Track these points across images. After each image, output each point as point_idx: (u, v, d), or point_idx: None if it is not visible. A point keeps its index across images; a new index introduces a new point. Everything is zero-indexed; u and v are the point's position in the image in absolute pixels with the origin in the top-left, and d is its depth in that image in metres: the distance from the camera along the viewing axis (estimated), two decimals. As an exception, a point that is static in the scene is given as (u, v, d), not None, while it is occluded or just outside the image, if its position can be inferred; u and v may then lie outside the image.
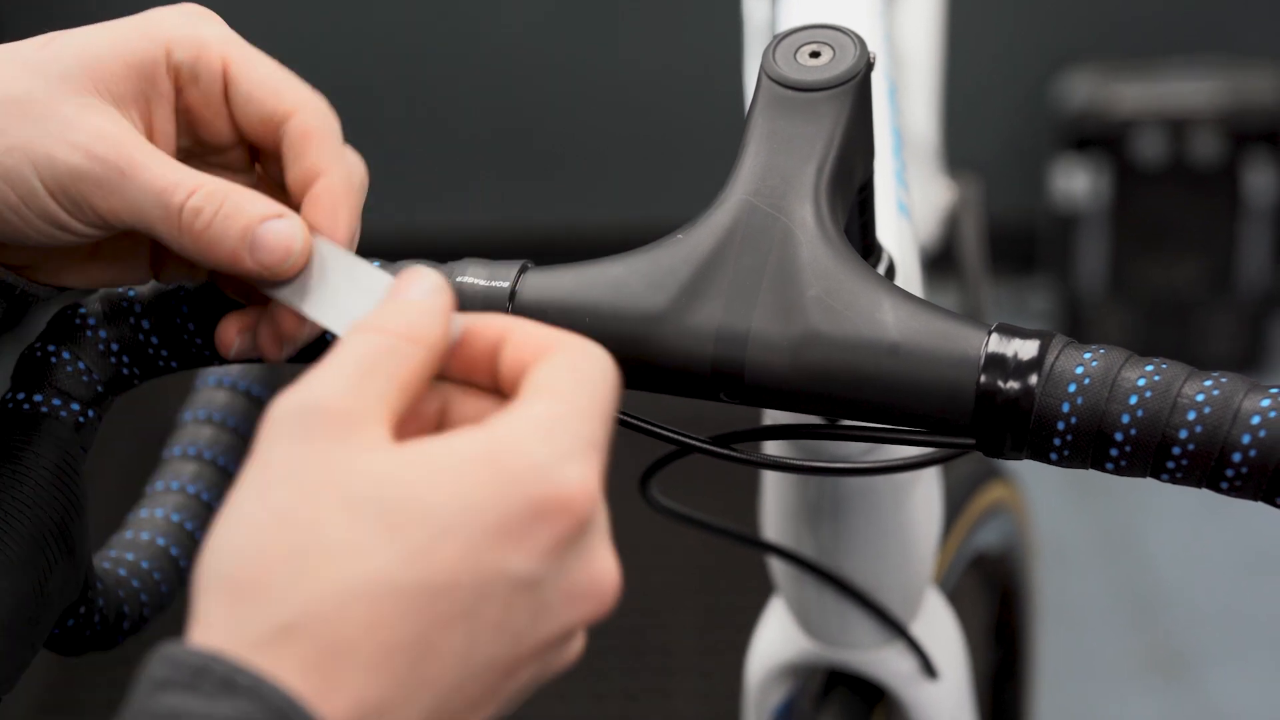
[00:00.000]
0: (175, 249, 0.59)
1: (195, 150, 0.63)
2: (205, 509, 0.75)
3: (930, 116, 1.43)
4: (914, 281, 0.76)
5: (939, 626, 0.87)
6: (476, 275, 0.63)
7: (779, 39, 0.65)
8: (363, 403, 0.49)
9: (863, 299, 0.60)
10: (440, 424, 0.53)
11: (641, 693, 1.98)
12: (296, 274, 0.59)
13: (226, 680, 0.45)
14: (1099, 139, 2.45)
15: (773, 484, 0.82)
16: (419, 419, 0.53)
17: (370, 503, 0.47)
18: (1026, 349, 0.59)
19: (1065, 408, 0.58)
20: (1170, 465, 0.58)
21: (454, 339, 0.53)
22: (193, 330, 0.65)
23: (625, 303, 0.62)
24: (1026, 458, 0.60)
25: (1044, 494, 2.29)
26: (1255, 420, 0.56)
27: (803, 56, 0.65)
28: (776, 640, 0.88)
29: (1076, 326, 2.50)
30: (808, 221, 0.62)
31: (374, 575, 0.46)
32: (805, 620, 0.85)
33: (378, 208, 2.67)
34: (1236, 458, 0.57)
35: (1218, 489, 0.58)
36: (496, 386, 0.53)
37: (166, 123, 0.61)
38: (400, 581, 0.47)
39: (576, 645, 0.52)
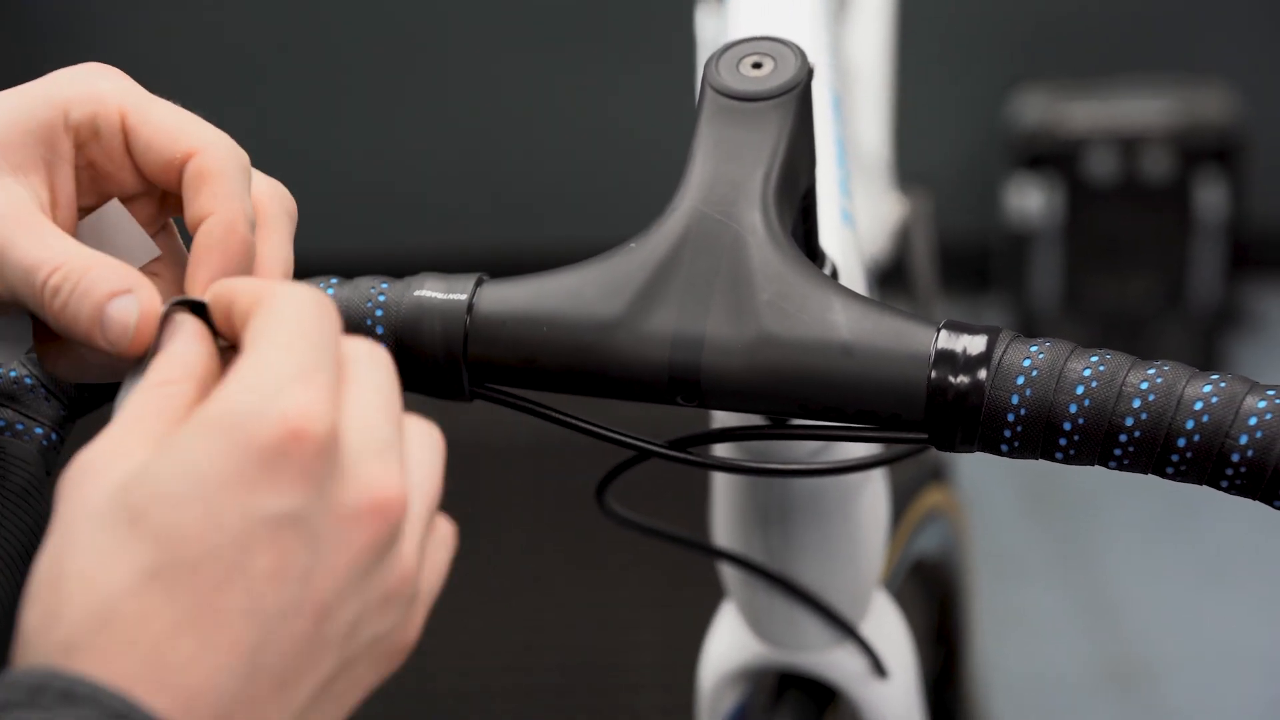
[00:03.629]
0: (53, 329, 0.59)
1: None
2: None
3: (880, 131, 1.45)
4: (859, 287, 0.77)
5: (888, 626, 0.88)
6: (434, 289, 0.64)
7: (722, 51, 0.67)
8: (126, 447, 0.51)
9: (814, 301, 0.62)
10: None
11: (607, 708, 1.98)
12: (147, 349, 0.57)
13: (65, 694, 0.46)
14: (1052, 157, 2.48)
15: (722, 489, 0.83)
16: None
17: (111, 511, 0.49)
18: (975, 344, 0.60)
19: (1014, 400, 0.60)
20: (1117, 453, 0.60)
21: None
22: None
23: (581, 311, 0.63)
24: (978, 450, 0.62)
25: (1001, 505, 2.31)
26: (1199, 406, 0.58)
27: (745, 68, 0.66)
28: (728, 644, 0.89)
29: (1032, 342, 2.52)
30: (757, 227, 0.63)
31: (129, 572, 0.48)
32: (756, 624, 0.87)
33: (331, 232, 2.67)
34: (1181, 443, 0.59)
35: (1164, 475, 0.60)
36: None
37: (68, 183, 0.61)
38: (155, 566, 0.48)
39: (399, 567, 0.51)
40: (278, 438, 0.49)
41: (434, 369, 0.65)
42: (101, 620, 0.48)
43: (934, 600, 1.18)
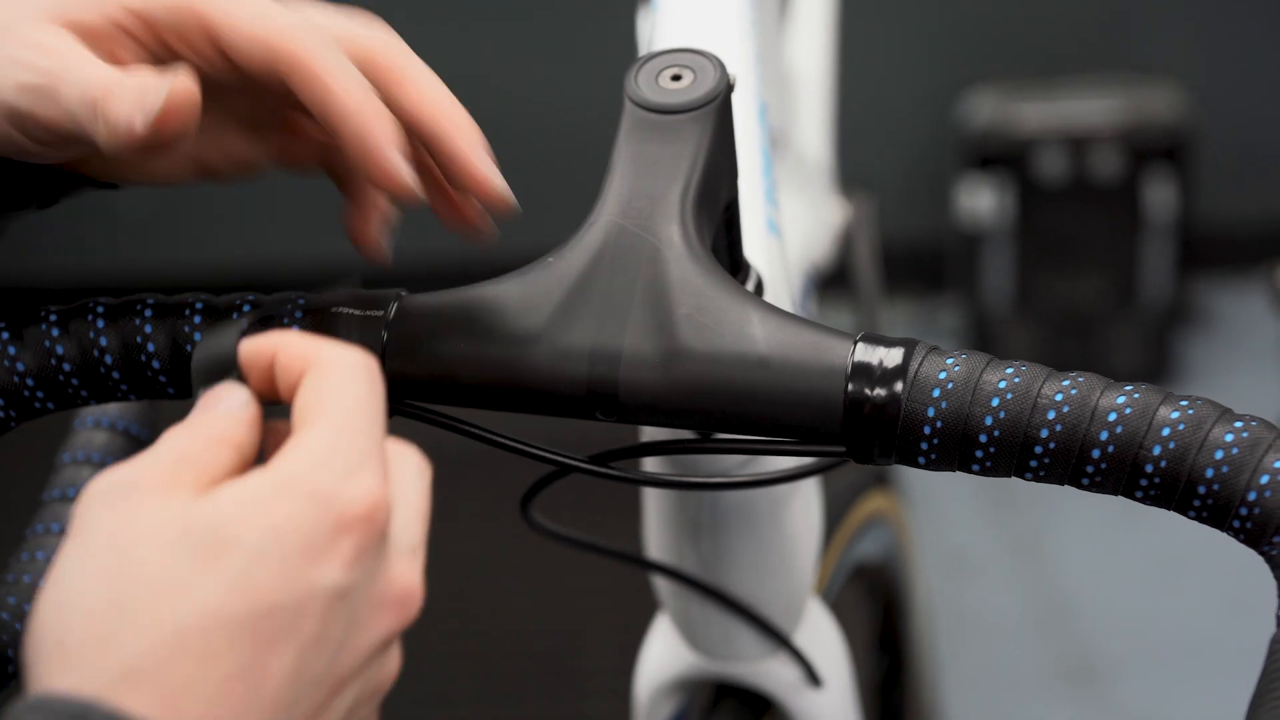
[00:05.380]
0: (109, 153, 0.59)
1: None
2: None
3: (823, 136, 1.45)
4: (784, 298, 0.77)
5: (822, 636, 0.88)
6: (350, 305, 0.64)
7: (641, 63, 0.67)
8: (176, 481, 0.52)
9: (731, 315, 0.62)
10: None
11: (561, 716, 1.98)
12: (176, 131, 0.58)
13: None
14: (1002, 158, 2.48)
15: (653, 501, 0.83)
16: None
17: (185, 542, 0.50)
18: (891, 357, 0.60)
19: (930, 412, 0.60)
20: (1033, 464, 0.60)
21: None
22: (110, 363, 0.65)
23: (499, 327, 0.63)
24: (895, 462, 0.62)
25: (954, 505, 2.32)
26: (1112, 417, 0.58)
27: (664, 80, 0.66)
28: (663, 656, 0.89)
29: (985, 342, 2.53)
30: (675, 241, 0.63)
31: (201, 608, 0.49)
32: (690, 635, 0.87)
33: (251, 239, 2.65)
34: (1096, 454, 0.59)
35: (1080, 485, 0.60)
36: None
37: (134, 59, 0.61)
38: (226, 611, 0.49)
39: (394, 660, 0.54)
40: (351, 517, 0.51)
41: None
42: (170, 652, 0.48)
43: (877, 606, 1.19)
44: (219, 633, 0.49)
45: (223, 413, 0.55)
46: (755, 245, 0.76)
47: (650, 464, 0.80)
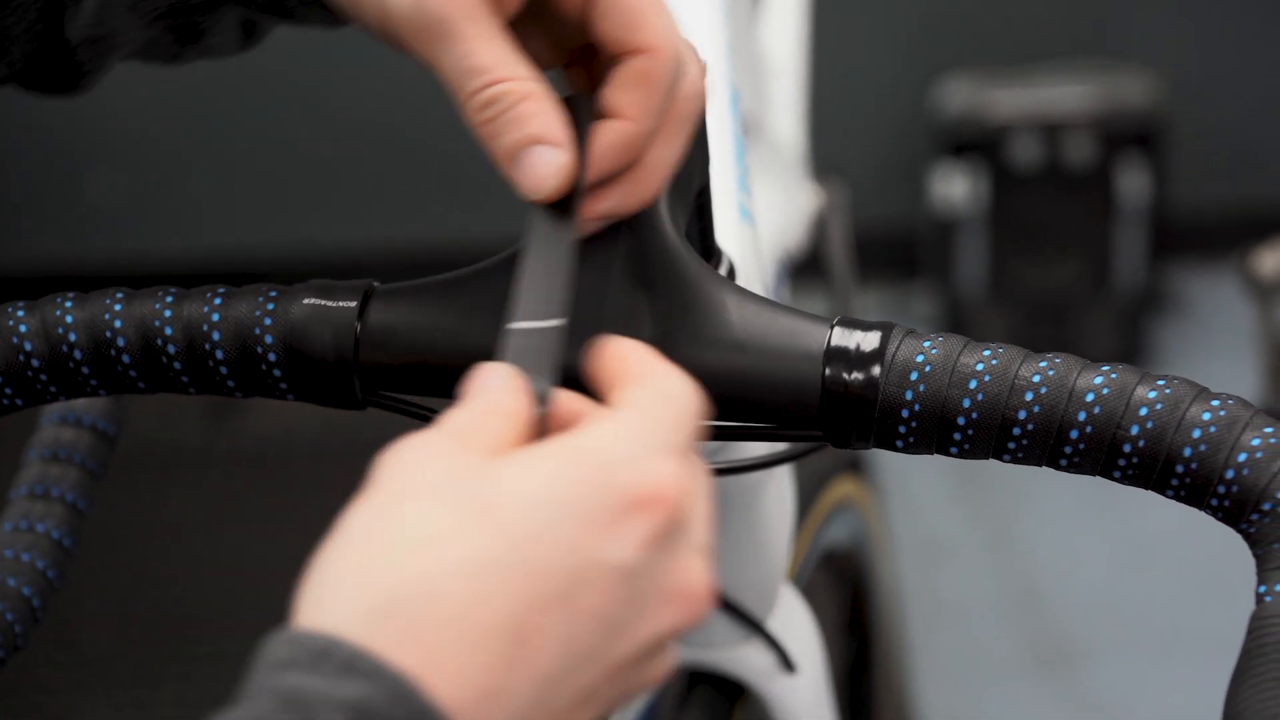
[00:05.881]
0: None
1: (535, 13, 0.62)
2: (57, 548, 0.74)
3: (796, 123, 1.45)
4: (757, 284, 0.77)
5: (795, 622, 0.88)
6: (323, 296, 0.64)
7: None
8: (466, 445, 0.51)
9: (707, 301, 0.62)
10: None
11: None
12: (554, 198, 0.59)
13: (348, 663, 0.46)
14: (976, 144, 2.49)
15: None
16: None
17: (467, 496, 0.49)
18: (868, 340, 0.60)
19: (908, 395, 0.60)
20: (1011, 446, 0.60)
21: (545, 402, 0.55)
22: (79, 358, 0.65)
23: (473, 315, 0.63)
24: (874, 446, 0.62)
25: (928, 491, 2.32)
26: (1090, 398, 0.59)
27: None
28: (636, 643, 0.89)
29: (959, 329, 2.53)
30: (649, 227, 0.63)
31: (472, 555, 0.47)
32: (664, 621, 0.87)
33: (225, 228, 2.63)
34: (1074, 435, 0.59)
35: (1058, 466, 0.60)
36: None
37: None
38: (497, 561, 0.47)
39: (669, 659, 0.52)
40: (642, 494, 0.49)
41: (325, 377, 0.64)
42: (427, 592, 0.47)
43: (846, 591, 1.19)
44: (486, 580, 0.47)
45: (496, 388, 0.53)
46: (727, 232, 0.76)
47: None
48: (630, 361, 0.55)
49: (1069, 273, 2.53)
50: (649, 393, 0.53)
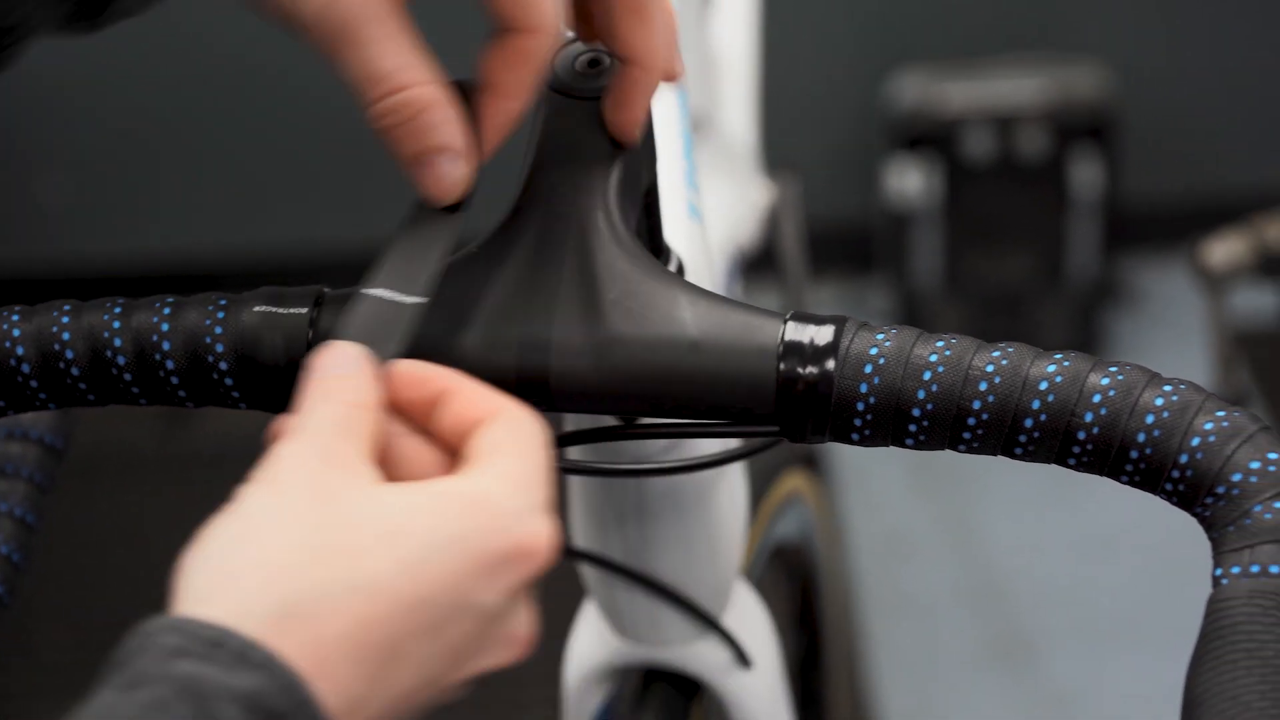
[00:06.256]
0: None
1: None
2: (6, 563, 0.73)
3: (748, 118, 1.45)
4: (706, 281, 0.77)
5: (749, 617, 0.88)
6: (274, 303, 0.63)
7: (559, 49, 0.66)
8: (352, 449, 0.54)
9: (660, 298, 0.62)
10: (382, 460, 0.57)
11: (493, 707, 1.98)
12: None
13: (240, 654, 0.48)
14: (930, 138, 2.49)
15: (578, 490, 0.83)
16: None
17: (372, 517, 0.52)
18: (822, 334, 0.61)
19: (863, 388, 0.60)
20: (967, 436, 0.60)
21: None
22: (27, 372, 0.64)
23: (427, 320, 0.63)
24: (830, 440, 0.62)
25: (886, 485, 2.33)
26: (1044, 385, 0.59)
27: (582, 65, 0.66)
28: (591, 644, 0.89)
29: (915, 321, 2.54)
30: (600, 226, 0.63)
31: (372, 577, 0.51)
32: (618, 622, 0.87)
33: (177, 231, 2.59)
34: (1029, 424, 0.59)
35: (1013, 455, 0.61)
36: (428, 431, 0.57)
37: None
38: (393, 587, 0.51)
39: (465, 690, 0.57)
40: (522, 548, 0.53)
41: (278, 384, 0.64)
42: (332, 606, 0.50)
43: (796, 585, 1.19)
44: (380, 603, 0.51)
45: (348, 373, 0.56)
46: (676, 229, 0.76)
47: (575, 452, 0.80)
48: (481, 399, 0.57)
49: (1023, 265, 2.54)
50: (513, 438, 0.56)
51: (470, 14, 0.63)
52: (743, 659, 0.87)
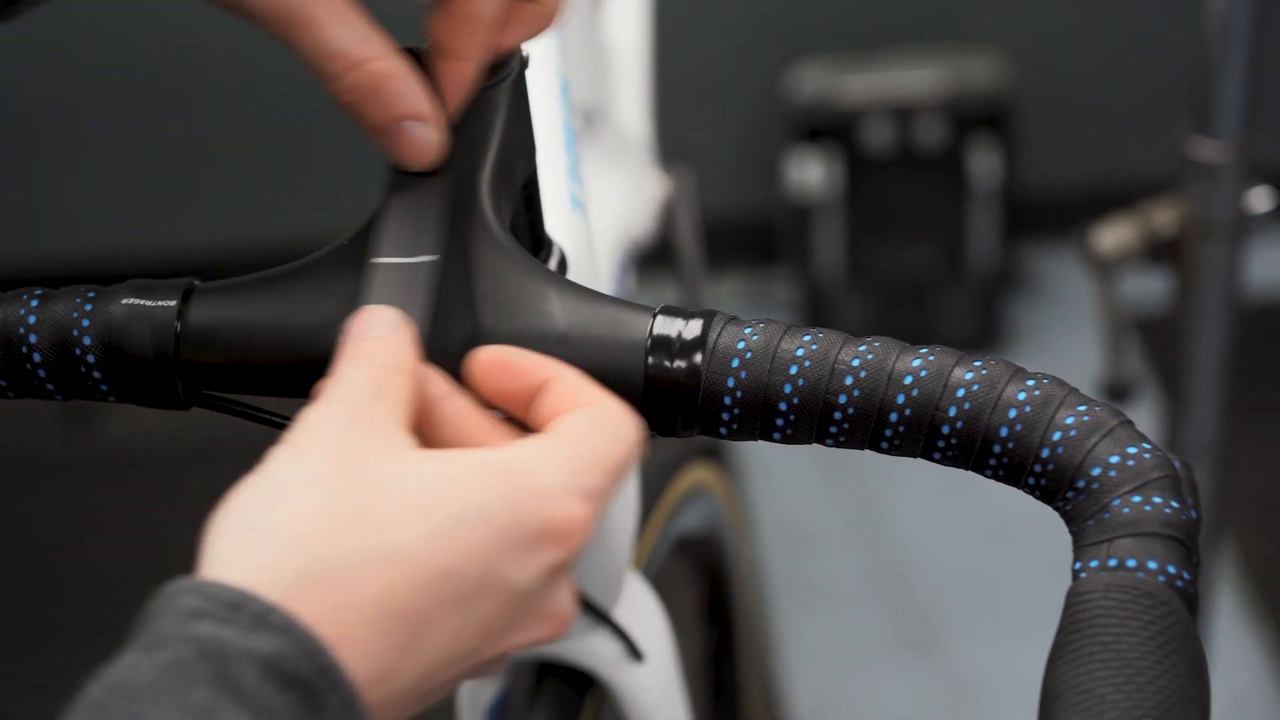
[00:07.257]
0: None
1: None
2: None
3: (641, 110, 1.45)
4: (589, 274, 0.77)
5: (641, 610, 0.88)
6: (141, 296, 0.63)
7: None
8: (385, 414, 0.54)
9: (529, 293, 0.62)
10: (421, 423, 0.57)
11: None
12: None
13: (260, 616, 0.48)
14: (829, 129, 2.50)
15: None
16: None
17: (399, 485, 0.52)
18: (690, 329, 0.61)
19: (730, 383, 0.60)
20: (833, 430, 0.61)
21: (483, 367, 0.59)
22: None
23: (295, 314, 0.62)
24: (698, 434, 0.62)
25: (793, 477, 2.34)
26: (908, 380, 0.59)
27: None
28: (484, 637, 0.88)
29: (819, 313, 2.55)
30: (472, 220, 0.63)
31: (397, 546, 0.50)
32: (510, 615, 0.86)
33: (85, 230, 2.55)
34: (894, 418, 0.60)
35: (880, 449, 0.61)
36: (525, 419, 0.58)
37: None
38: (419, 557, 0.51)
39: (507, 659, 0.57)
40: (556, 529, 0.53)
41: (146, 377, 0.63)
42: (356, 573, 0.50)
43: (704, 577, 1.19)
44: (406, 572, 0.50)
45: (384, 336, 0.56)
46: (558, 222, 0.76)
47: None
48: (581, 391, 0.58)
49: (925, 255, 2.56)
50: (587, 424, 0.56)
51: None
52: (634, 652, 0.87)
